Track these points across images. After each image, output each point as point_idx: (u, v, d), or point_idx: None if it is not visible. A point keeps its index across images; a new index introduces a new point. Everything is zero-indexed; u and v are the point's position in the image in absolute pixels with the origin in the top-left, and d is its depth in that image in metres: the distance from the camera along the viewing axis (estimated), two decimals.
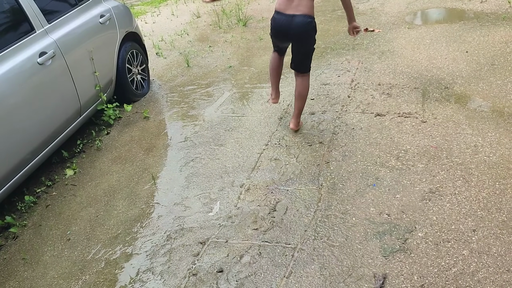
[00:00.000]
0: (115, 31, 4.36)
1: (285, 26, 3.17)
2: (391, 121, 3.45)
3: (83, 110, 3.79)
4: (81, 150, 3.90)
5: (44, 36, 3.40)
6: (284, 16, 3.14)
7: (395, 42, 5.02)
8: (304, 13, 3.09)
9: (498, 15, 5.23)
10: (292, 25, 3.13)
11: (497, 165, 2.76)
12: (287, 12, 3.13)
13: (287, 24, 3.15)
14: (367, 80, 4.20)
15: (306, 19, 3.11)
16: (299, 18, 3.10)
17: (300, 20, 3.10)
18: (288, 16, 3.13)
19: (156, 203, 3.04)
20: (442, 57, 4.39)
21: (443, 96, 3.68)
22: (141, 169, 3.48)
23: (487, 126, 3.16)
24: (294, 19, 3.11)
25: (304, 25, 3.11)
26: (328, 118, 3.66)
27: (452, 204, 2.52)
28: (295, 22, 3.11)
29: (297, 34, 3.18)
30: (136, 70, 4.73)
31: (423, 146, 3.07)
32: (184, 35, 6.87)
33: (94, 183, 3.41)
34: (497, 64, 4.03)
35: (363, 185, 2.80)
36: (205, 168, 3.32)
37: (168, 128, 4.05)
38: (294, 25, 3.12)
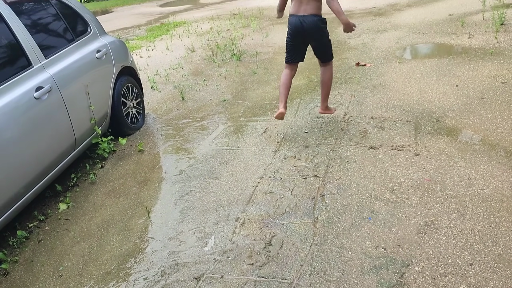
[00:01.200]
0: (111, 66, 4.42)
1: (299, 25, 3.75)
2: (384, 154, 3.48)
3: (78, 143, 3.80)
4: (75, 184, 3.88)
5: (41, 71, 3.44)
6: (297, 17, 3.75)
7: (386, 76, 5.12)
8: (312, 13, 3.71)
9: (485, 50, 5.38)
10: (304, 24, 3.72)
11: (491, 198, 2.78)
12: (299, 14, 3.74)
13: (300, 23, 3.74)
14: (360, 113, 4.26)
15: (314, 18, 3.72)
16: (308, 18, 3.71)
17: (310, 19, 3.71)
18: (300, 17, 3.74)
19: (151, 238, 3.01)
20: (433, 91, 4.48)
21: (435, 129, 3.73)
22: (135, 203, 3.45)
23: (480, 159, 3.20)
24: (304, 19, 3.72)
25: (314, 22, 3.72)
26: (322, 151, 3.68)
27: (448, 237, 2.52)
28: (307, 22, 3.72)
29: (310, 32, 3.76)
30: (131, 104, 4.77)
31: (417, 179, 3.09)
32: (179, 69, 6.97)
33: (88, 217, 3.38)
34: (486, 98, 4.12)
35: (358, 218, 2.80)
36: (200, 201, 3.30)
37: (163, 161, 4.05)
38: (306, 24, 3.72)
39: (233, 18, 11.15)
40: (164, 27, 11.51)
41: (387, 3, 9.68)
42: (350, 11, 9.55)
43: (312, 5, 3.70)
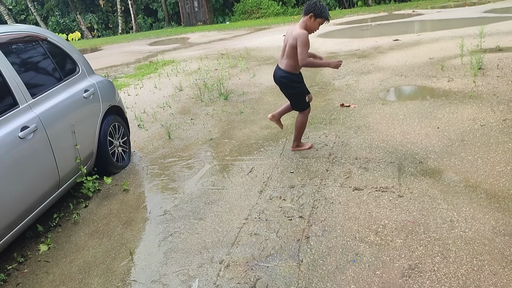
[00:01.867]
0: (98, 105, 4.45)
1: (274, 75, 4.36)
2: (368, 195, 3.51)
3: (62, 183, 3.76)
4: (57, 224, 3.82)
5: (27, 111, 3.45)
6: (277, 67, 4.31)
7: (370, 117, 5.23)
8: (282, 68, 4.20)
9: (464, 93, 5.55)
10: (275, 75, 4.33)
11: (473, 240, 2.81)
12: (278, 64, 4.29)
13: (274, 73, 4.35)
14: (344, 154, 4.32)
15: (282, 73, 4.20)
16: (279, 71, 4.26)
17: (278, 73, 4.26)
18: (276, 68, 4.32)
19: (133, 281, 2.95)
20: (415, 133, 4.58)
21: (418, 171, 3.80)
22: (118, 244, 3.40)
23: (461, 201, 3.25)
24: (277, 71, 4.30)
25: (281, 77, 4.24)
26: (307, 192, 3.71)
27: (432, 281, 2.53)
28: (276, 74, 4.30)
29: (278, 83, 4.34)
30: (117, 143, 4.77)
31: (400, 221, 3.12)
32: (166, 107, 7.03)
33: (69, 259, 3.31)
34: (467, 140, 4.22)
35: (343, 261, 2.80)
36: (184, 243, 3.27)
37: (148, 201, 4.03)
38: (276, 76, 4.32)
39: (221, 58, 11.38)
40: (152, 66, 11.67)
41: (370, 46, 10.00)
42: (335, 53, 9.84)
43: (285, 61, 4.16)
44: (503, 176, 3.51)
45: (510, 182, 3.41)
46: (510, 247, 2.70)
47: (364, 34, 12.96)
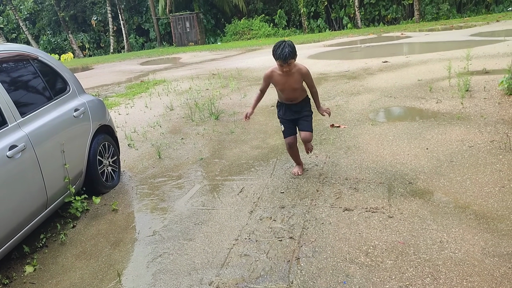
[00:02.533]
0: (89, 124, 4.44)
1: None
2: (359, 216, 3.51)
3: (49, 202, 3.71)
4: (43, 245, 3.75)
5: (16, 130, 3.43)
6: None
7: (360, 138, 5.27)
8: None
9: (453, 114, 5.63)
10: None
11: (463, 262, 2.81)
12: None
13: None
14: (334, 174, 4.33)
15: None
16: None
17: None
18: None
19: None
20: (404, 153, 4.62)
21: (407, 191, 3.81)
22: (106, 265, 3.35)
23: (451, 222, 3.26)
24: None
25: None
26: (298, 212, 3.70)
27: None
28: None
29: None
30: (107, 162, 4.74)
31: (391, 242, 3.12)
32: (157, 127, 7.02)
33: (55, 281, 3.24)
34: (455, 161, 4.26)
35: (333, 282, 2.78)
36: (173, 264, 3.23)
37: (137, 221, 3.98)
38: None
39: (212, 78, 11.44)
40: (143, 85, 11.70)
41: (360, 67, 10.14)
42: (325, 74, 9.96)
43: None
44: (492, 197, 3.54)
45: (499, 203, 3.44)
46: (499, 268, 2.70)
47: (354, 55, 13.16)
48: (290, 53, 3.76)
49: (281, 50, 3.77)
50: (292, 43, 3.83)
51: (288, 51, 3.75)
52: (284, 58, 3.76)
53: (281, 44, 3.80)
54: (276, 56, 3.82)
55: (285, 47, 3.76)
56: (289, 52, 3.75)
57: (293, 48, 3.80)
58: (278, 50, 3.79)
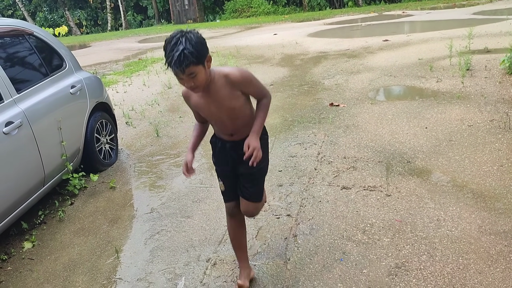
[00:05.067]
0: (85, 101, 4.40)
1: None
2: (356, 194, 3.51)
3: (47, 180, 3.71)
4: (42, 221, 3.76)
5: (12, 106, 3.39)
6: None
7: (359, 117, 5.24)
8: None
9: (453, 94, 5.59)
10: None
11: (459, 239, 2.82)
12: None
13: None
14: (333, 153, 4.32)
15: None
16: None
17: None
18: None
19: (119, 279, 2.91)
20: (403, 132, 4.60)
21: (405, 170, 3.81)
22: (104, 242, 3.36)
23: (448, 201, 3.27)
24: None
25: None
26: (295, 190, 3.70)
27: (418, 279, 2.53)
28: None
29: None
30: (104, 140, 4.72)
31: (388, 220, 3.12)
32: (155, 105, 6.97)
33: (54, 257, 3.26)
34: (454, 140, 4.25)
35: (330, 259, 2.79)
36: (170, 241, 3.24)
37: (135, 198, 3.99)
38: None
39: None
40: (141, 63, 11.59)
41: (360, 46, 10.03)
42: (325, 53, 9.86)
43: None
44: (490, 176, 3.54)
45: (497, 182, 3.44)
46: (495, 246, 2.72)
47: (354, 34, 13.01)
48: (188, 56, 1.93)
49: (170, 50, 1.95)
50: (196, 36, 2.01)
51: (184, 51, 1.92)
52: (177, 64, 1.93)
53: (173, 39, 1.96)
54: (166, 62, 1.99)
55: (178, 45, 1.93)
56: (187, 53, 1.92)
57: (196, 46, 1.96)
58: (168, 48, 1.97)
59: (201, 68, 2.02)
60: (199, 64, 1.99)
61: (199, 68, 2.00)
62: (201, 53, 1.99)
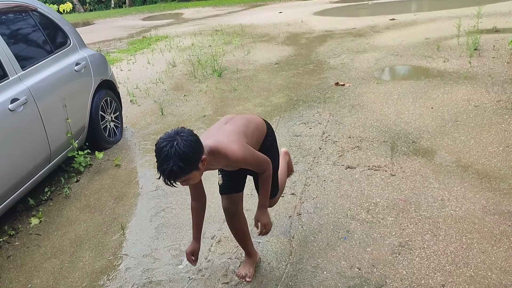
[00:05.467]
0: (90, 79, 4.39)
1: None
2: (361, 173, 3.52)
3: (52, 157, 3.73)
4: (48, 198, 3.80)
5: (17, 83, 3.39)
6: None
7: (364, 97, 5.21)
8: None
9: (459, 74, 5.53)
10: None
11: (463, 219, 2.83)
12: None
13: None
14: (337, 133, 4.31)
15: None
16: None
17: None
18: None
19: (124, 255, 2.95)
20: (409, 112, 4.57)
21: (410, 150, 3.80)
22: (110, 219, 3.40)
23: (453, 181, 3.27)
24: None
25: None
26: (300, 169, 3.70)
27: (421, 258, 2.55)
28: None
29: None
30: (109, 118, 4.72)
31: (392, 199, 3.13)
32: (159, 83, 6.95)
33: (60, 233, 3.30)
34: (460, 121, 4.22)
35: (334, 238, 2.81)
36: (176, 218, 3.27)
37: (140, 176, 4.01)
38: None
39: (215, 34, 11.22)
40: (145, 41, 11.51)
41: (366, 25, 9.90)
42: (331, 31, 9.74)
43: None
44: (495, 156, 3.53)
45: (502, 162, 3.43)
46: (499, 225, 2.73)
47: (361, 12, 12.82)
48: (178, 172, 1.83)
49: (160, 165, 1.85)
50: (186, 144, 1.84)
51: (173, 168, 1.81)
52: (169, 181, 1.88)
53: (162, 151, 1.83)
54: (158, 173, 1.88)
55: (168, 160, 1.81)
56: (176, 170, 1.82)
57: (186, 157, 1.83)
58: (158, 160, 1.87)
59: (194, 173, 1.93)
60: (191, 172, 1.90)
61: (191, 174, 1.92)
62: (192, 163, 1.88)
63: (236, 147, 2.07)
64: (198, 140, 1.92)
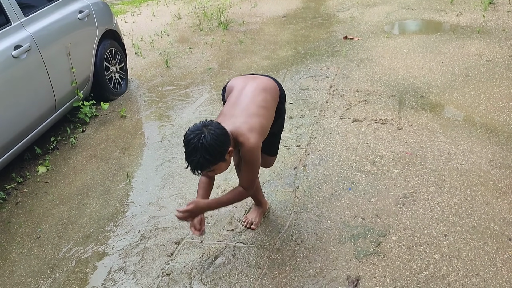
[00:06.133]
0: (94, 28, 4.30)
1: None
2: (367, 127, 3.49)
3: (58, 106, 3.72)
4: (54, 147, 3.82)
5: (19, 29, 3.33)
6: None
7: (373, 51, 5.10)
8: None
9: (473, 28, 5.38)
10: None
11: (468, 172, 2.82)
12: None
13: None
14: (345, 86, 4.25)
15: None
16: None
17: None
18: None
19: (131, 202, 3.00)
20: (418, 67, 4.48)
21: (418, 105, 3.75)
22: (116, 168, 3.42)
23: (460, 135, 3.24)
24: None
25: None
26: (306, 122, 3.68)
27: (425, 209, 2.57)
28: None
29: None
30: (114, 69, 4.67)
31: (398, 152, 3.12)
32: (164, 36, 6.82)
33: (67, 181, 3.34)
34: (471, 76, 4.14)
35: (339, 188, 2.83)
36: (181, 168, 3.29)
37: (145, 127, 4.01)
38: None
39: None
40: None
41: None
42: None
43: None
44: (504, 111, 3.48)
45: (511, 117, 3.38)
46: (504, 179, 2.72)
47: None
48: (205, 164, 1.89)
49: (188, 155, 1.90)
50: (214, 137, 1.86)
51: (200, 160, 1.87)
52: (196, 171, 1.93)
53: (190, 144, 1.88)
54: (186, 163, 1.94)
55: (196, 152, 1.86)
56: (203, 162, 1.88)
57: (214, 150, 1.86)
58: (186, 151, 1.91)
59: (221, 164, 1.97)
60: (217, 163, 1.93)
61: (218, 165, 1.95)
62: (218, 156, 1.91)
63: (253, 140, 2.03)
64: (225, 133, 1.93)
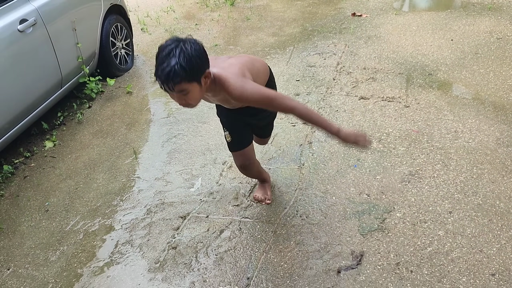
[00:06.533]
0: (99, 3, 4.26)
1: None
2: (374, 104, 3.47)
3: (64, 82, 3.71)
4: (61, 123, 3.84)
5: (25, 3, 3.30)
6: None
7: (382, 28, 5.02)
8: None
9: (484, 5, 5.27)
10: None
11: (475, 150, 2.81)
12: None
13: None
14: (352, 64, 4.20)
15: None
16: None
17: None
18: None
19: (137, 177, 3.02)
20: (427, 44, 4.42)
21: (426, 82, 3.71)
22: (122, 144, 3.44)
23: (468, 113, 3.21)
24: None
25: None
26: (312, 99, 3.66)
27: (430, 186, 2.57)
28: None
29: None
30: (120, 44, 4.64)
31: (405, 130, 3.11)
32: (170, 12, 6.75)
33: (74, 156, 3.37)
34: (480, 53, 4.08)
35: (344, 165, 2.83)
36: (187, 144, 3.30)
37: (151, 103, 4.01)
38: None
39: None
40: None
41: None
42: None
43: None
44: None
45: None
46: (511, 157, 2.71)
47: None
48: (179, 72, 1.62)
49: (160, 62, 1.64)
50: (194, 48, 1.67)
51: (175, 67, 1.61)
52: (165, 81, 1.64)
53: (165, 49, 1.65)
54: (155, 75, 1.69)
55: (171, 57, 1.62)
56: (177, 69, 1.61)
57: (191, 60, 1.64)
58: (158, 59, 1.66)
59: (195, 86, 1.69)
60: (192, 81, 1.67)
61: (192, 86, 1.68)
62: (196, 69, 1.66)
63: (239, 81, 1.82)
64: (205, 51, 1.74)
